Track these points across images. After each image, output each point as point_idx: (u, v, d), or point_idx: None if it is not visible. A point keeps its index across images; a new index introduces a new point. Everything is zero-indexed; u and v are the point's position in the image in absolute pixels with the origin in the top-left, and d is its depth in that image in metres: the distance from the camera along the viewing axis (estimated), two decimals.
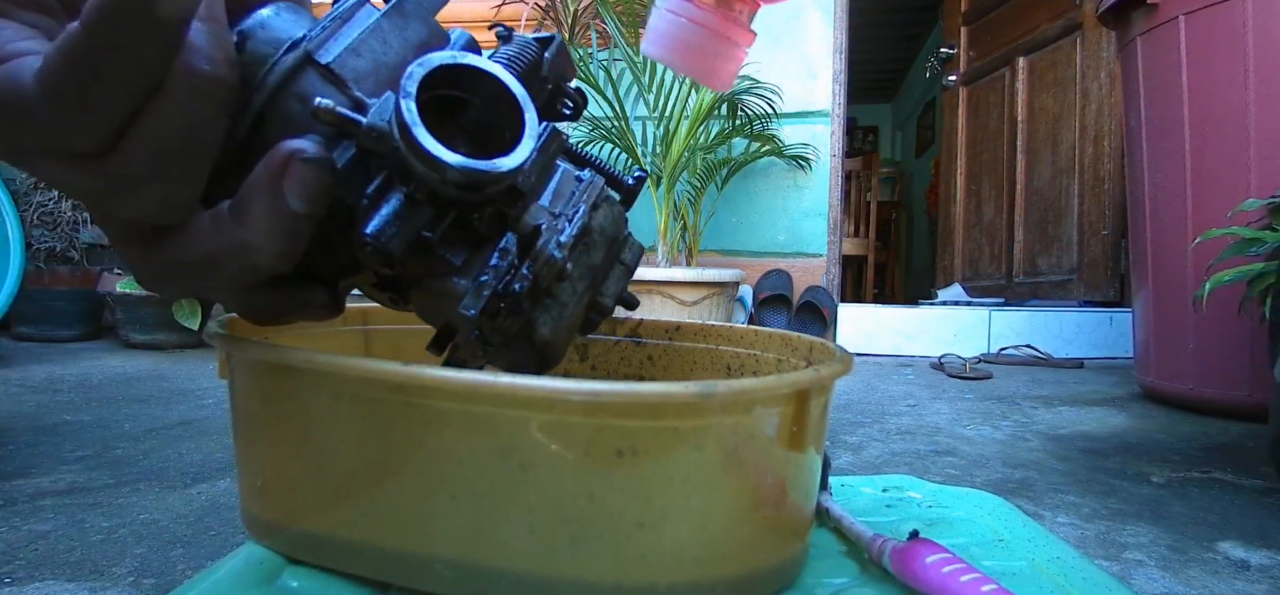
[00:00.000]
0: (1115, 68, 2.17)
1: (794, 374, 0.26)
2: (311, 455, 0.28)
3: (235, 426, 0.32)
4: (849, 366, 0.30)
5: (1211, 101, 1.20)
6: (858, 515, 0.37)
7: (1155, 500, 0.75)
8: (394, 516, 0.27)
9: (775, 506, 0.27)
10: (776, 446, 0.27)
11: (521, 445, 0.24)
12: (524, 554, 0.25)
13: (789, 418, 0.27)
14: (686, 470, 0.25)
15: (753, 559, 0.27)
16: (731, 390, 0.24)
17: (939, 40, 3.29)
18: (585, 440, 0.24)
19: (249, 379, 0.30)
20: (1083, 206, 2.33)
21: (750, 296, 2.25)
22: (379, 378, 0.25)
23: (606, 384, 0.23)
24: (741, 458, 0.26)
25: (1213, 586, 0.54)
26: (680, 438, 0.24)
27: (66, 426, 0.97)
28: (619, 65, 2.04)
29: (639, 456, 0.24)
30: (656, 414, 0.24)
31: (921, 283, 4.39)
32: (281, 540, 0.30)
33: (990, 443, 1.00)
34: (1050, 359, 1.99)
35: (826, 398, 0.30)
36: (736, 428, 0.25)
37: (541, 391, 0.23)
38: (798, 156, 2.20)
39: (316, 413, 0.27)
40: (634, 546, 0.25)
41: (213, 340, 0.30)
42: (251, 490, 0.31)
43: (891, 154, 6.09)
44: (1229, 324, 1.15)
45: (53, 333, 1.92)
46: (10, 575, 0.51)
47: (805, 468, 0.29)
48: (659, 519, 0.25)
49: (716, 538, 0.26)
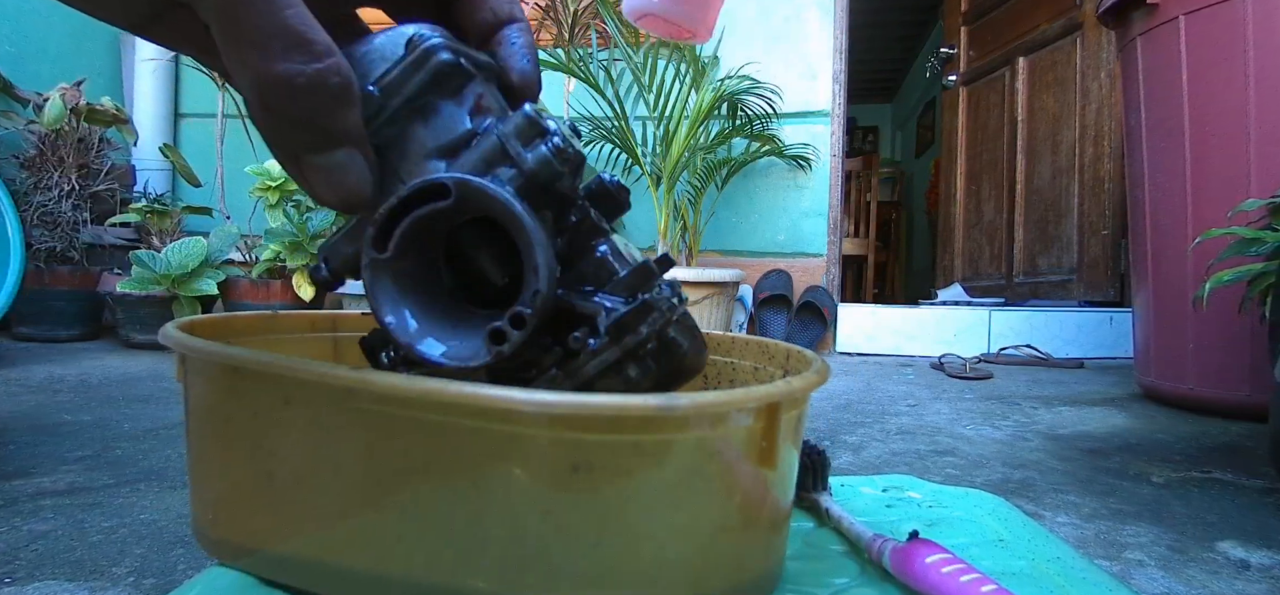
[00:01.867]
0: (1115, 68, 2.17)
1: (764, 387, 0.24)
2: (261, 463, 0.26)
3: (187, 434, 0.30)
4: (825, 377, 0.28)
5: (1211, 101, 1.20)
6: (858, 515, 0.37)
7: (1155, 500, 0.75)
8: (345, 532, 0.25)
9: (744, 527, 0.26)
10: (745, 463, 0.25)
11: (474, 457, 0.23)
12: (480, 574, 0.23)
13: (759, 432, 0.25)
14: (647, 488, 0.23)
15: (717, 581, 0.26)
16: (695, 404, 0.22)
17: (939, 40, 3.29)
18: (539, 454, 0.23)
19: (202, 382, 0.28)
20: (1083, 206, 2.33)
21: (750, 296, 2.25)
22: (328, 382, 0.24)
23: (562, 395, 0.22)
24: (707, 475, 0.24)
25: (1213, 586, 0.54)
26: (641, 453, 0.23)
27: (66, 426, 0.97)
28: (619, 65, 2.05)
29: (596, 472, 0.23)
30: (614, 428, 0.22)
31: (921, 283, 4.39)
32: (227, 552, 0.29)
33: (990, 443, 1.00)
34: (1050, 359, 1.99)
35: (801, 410, 0.28)
36: (701, 444, 0.24)
37: (495, 400, 0.21)
38: (798, 156, 2.20)
39: (265, 417, 0.26)
40: (590, 567, 0.23)
41: (167, 341, 0.28)
42: (201, 501, 0.30)
43: (891, 154, 6.09)
44: (1229, 324, 1.15)
45: (53, 333, 1.92)
46: (10, 575, 0.51)
47: (777, 485, 0.27)
48: (616, 539, 0.23)
49: (679, 560, 0.24)
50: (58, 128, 1.88)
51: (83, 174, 1.97)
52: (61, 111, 1.87)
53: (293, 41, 0.20)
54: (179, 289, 1.78)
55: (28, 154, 1.92)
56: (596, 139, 2.12)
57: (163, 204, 2.07)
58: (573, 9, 2.07)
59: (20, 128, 1.92)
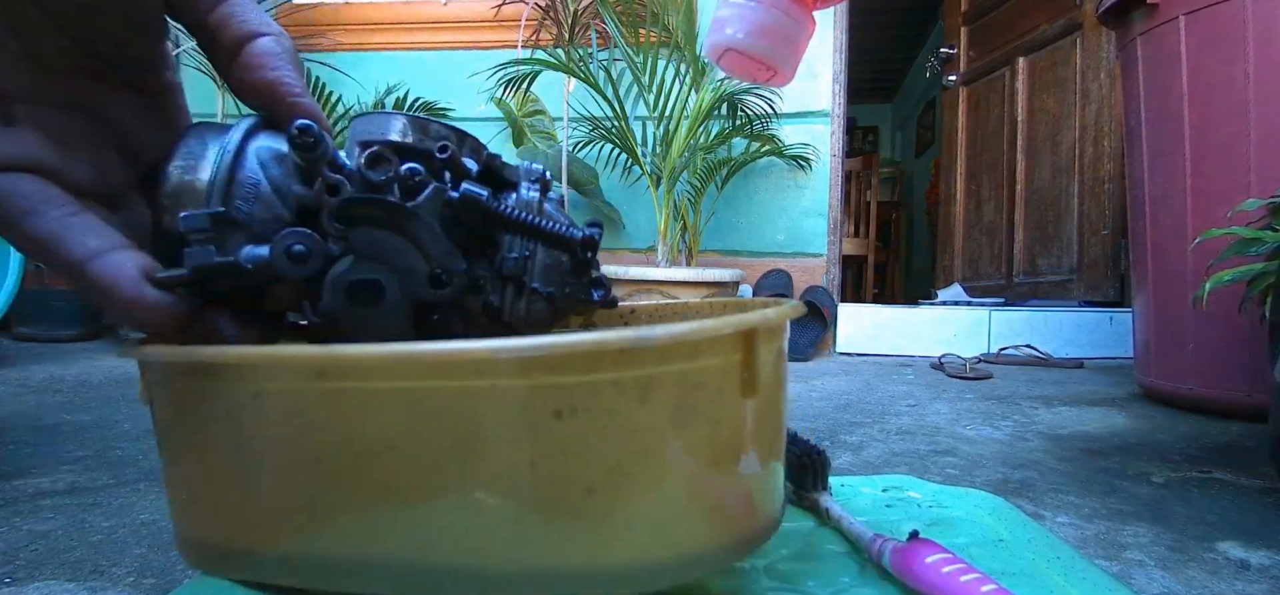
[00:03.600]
0: (1115, 68, 2.17)
1: (738, 316, 0.24)
2: (241, 463, 0.26)
3: (161, 451, 0.29)
4: (800, 310, 0.28)
5: (1211, 101, 1.20)
6: (858, 515, 0.37)
7: (1155, 500, 0.75)
8: (331, 519, 0.25)
9: (736, 461, 0.25)
10: (729, 395, 0.25)
11: (454, 418, 0.22)
12: (472, 544, 0.23)
13: (738, 363, 0.25)
14: (634, 427, 0.23)
15: (716, 521, 0.25)
16: (671, 335, 0.22)
17: (939, 40, 3.29)
18: (520, 404, 0.22)
19: (170, 391, 0.28)
20: (1083, 206, 2.33)
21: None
22: (298, 363, 0.23)
23: (535, 338, 0.21)
24: (692, 409, 0.24)
25: (1213, 586, 0.54)
26: (621, 391, 0.22)
27: (66, 426, 0.97)
28: (619, 65, 2.04)
29: (579, 415, 0.22)
30: (592, 366, 0.22)
31: (921, 283, 4.39)
32: (215, 561, 0.28)
33: (990, 443, 1.00)
34: (1050, 359, 1.99)
35: (779, 344, 0.28)
36: (682, 377, 0.23)
37: (469, 353, 0.21)
38: (798, 156, 2.20)
39: (239, 415, 0.25)
40: (587, 516, 0.23)
41: (128, 354, 0.27)
42: (183, 514, 0.29)
43: (891, 154, 6.09)
44: (1229, 324, 1.15)
45: (53, 333, 1.92)
46: (10, 575, 0.51)
47: (766, 419, 0.27)
48: (609, 483, 0.23)
49: (676, 500, 0.24)
50: None
51: None
52: None
53: None
54: None
55: None
56: (596, 139, 2.12)
57: None
58: (573, 9, 2.07)
59: None
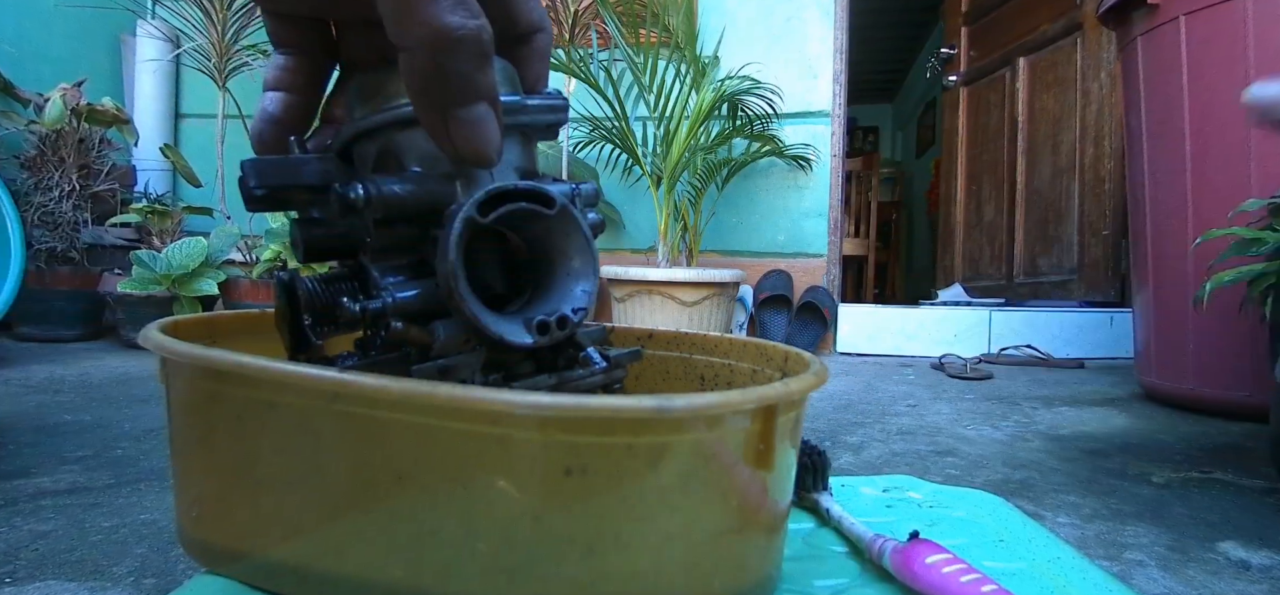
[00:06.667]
0: (1115, 68, 2.17)
1: (760, 388, 0.24)
2: (245, 468, 0.26)
3: (170, 439, 0.29)
4: (823, 380, 0.28)
5: (1212, 101, 1.20)
6: (858, 515, 0.37)
7: (1155, 500, 0.75)
8: (331, 537, 0.25)
9: (741, 531, 0.26)
10: (742, 465, 0.25)
11: (463, 460, 0.22)
12: (470, 582, 0.23)
13: (755, 435, 0.24)
14: (641, 492, 0.23)
15: (714, 586, 0.25)
16: (690, 406, 0.22)
17: (939, 40, 3.29)
18: (531, 457, 0.22)
19: (183, 385, 0.28)
20: (1083, 206, 2.33)
21: (750, 297, 2.25)
22: (313, 384, 0.23)
23: (555, 397, 0.21)
24: (703, 479, 0.24)
25: (1213, 586, 0.54)
26: (634, 456, 0.22)
27: (67, 426, 0.97)
28: (619, 65, 2.04)
29: (588, 475, 0.22)
30: (607, 430, 0.22)
31: (922, 283, 4.39)
32: (212, 558, 0.28)
33: (991, 443, 1.00)
34: (1051, 359, 1.99)
35: (799, 412, 0.28)
36: (696, 446, 0.23)
37: (485, 402, 0.21)
38: (798, 157, 2.20)
39: (248, 421, 0.25)
40: (583, 574, 0.23)
41: (147, 343, 0.27)
42: (186, 506, 0.29)
43: (892, 154, 6.09)
44: (1229, 324, 1.15)
45: (54, 333, 1.92)
46: (11, 575, 0.51)
47: (774, 487, 0.27)
48: (610, 545, 0.23)
49: (675, 566, 0.24)
50: (58, 128, 1.89)
51: (83, 174, 1.97)
52: (62, 112, 1.87)
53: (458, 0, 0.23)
54: (179, 289, 1.78)
55: (28, 154, 1.92)
56: (597, 139, 2.12)
57: (163, 204, 2.07)
58: (573, 9, 2.07)
59: (21, 128, 1.92)
